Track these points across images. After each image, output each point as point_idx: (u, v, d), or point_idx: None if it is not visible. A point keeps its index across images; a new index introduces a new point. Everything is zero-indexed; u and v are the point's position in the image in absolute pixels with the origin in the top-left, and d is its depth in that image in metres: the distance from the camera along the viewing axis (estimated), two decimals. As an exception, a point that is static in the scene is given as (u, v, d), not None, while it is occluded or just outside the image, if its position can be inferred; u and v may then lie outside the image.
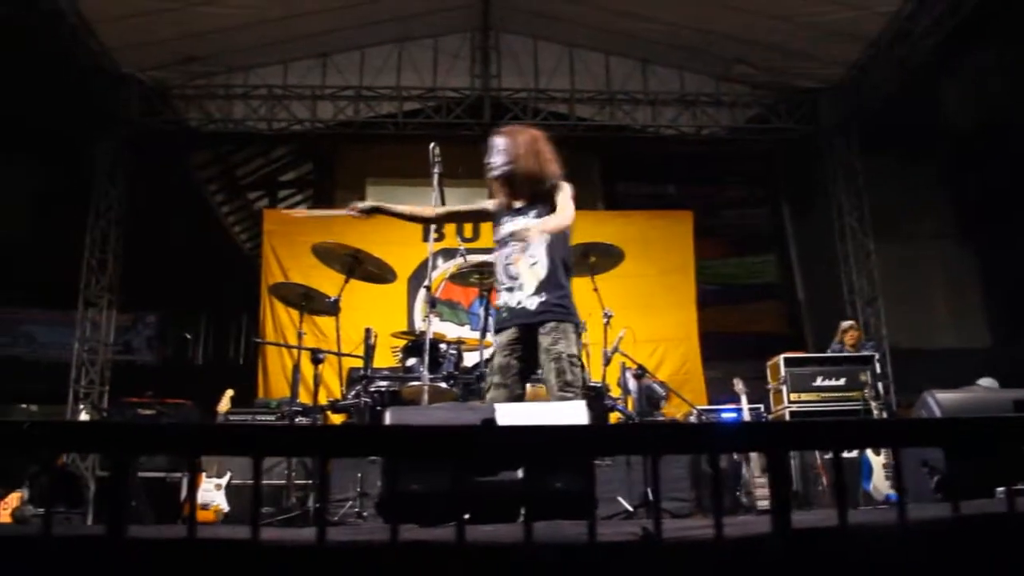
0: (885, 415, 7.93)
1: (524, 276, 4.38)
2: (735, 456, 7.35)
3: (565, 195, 4.49)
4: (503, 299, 4.45)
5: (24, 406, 12.55)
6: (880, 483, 6.69)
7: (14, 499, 7.13)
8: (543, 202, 4.49)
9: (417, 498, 3.60)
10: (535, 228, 4.27)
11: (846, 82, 11.19)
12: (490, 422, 3.85)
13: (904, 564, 1.93)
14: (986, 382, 7.04)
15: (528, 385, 6.41)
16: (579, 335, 4.47)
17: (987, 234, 12.61)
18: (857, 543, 1.86)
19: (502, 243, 4.52)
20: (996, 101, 11.73)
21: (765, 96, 11.94)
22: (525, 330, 4.34)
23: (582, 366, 4.51)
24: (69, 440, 1.50)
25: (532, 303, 4.31)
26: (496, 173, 4.60)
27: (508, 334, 4.39)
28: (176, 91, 11.53)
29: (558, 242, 4.45)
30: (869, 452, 6.81)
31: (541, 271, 4.35)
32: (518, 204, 4.58)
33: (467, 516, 3.66)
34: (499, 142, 4.63)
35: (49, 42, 9.60)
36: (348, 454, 4.88)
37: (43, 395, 11.81)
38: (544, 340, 4.29)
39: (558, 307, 4.34)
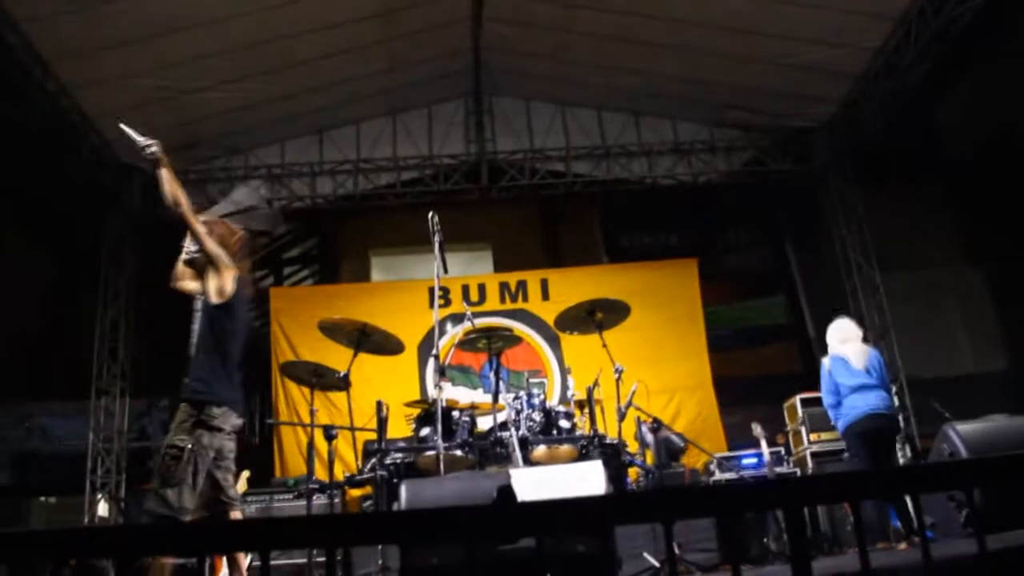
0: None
1: None
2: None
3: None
4: None
5: (43, 499, 12.47)
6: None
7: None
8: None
9: (437, 572, 3.57)
10: None
11: (838, 119, 11.26)
12: (507, 491, 3.83)
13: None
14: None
15: (542, 446, 6.41)
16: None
17: (996, 255, 12.58)
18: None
19: None
20: (992, 120, 11.78)
21: (759, 139, 12.02)
22: None
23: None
24: (71, 547, 1.50)
25: None
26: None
27: None
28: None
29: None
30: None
31: None
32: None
33: (489, 587, 3.62)
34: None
35: (52, 138, 9.79)
36: (360, 543, 4.84)
37: (61, 487, 11.74)
38: None
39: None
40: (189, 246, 4.77)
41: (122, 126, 5.00)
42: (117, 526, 4.00)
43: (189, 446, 4.25)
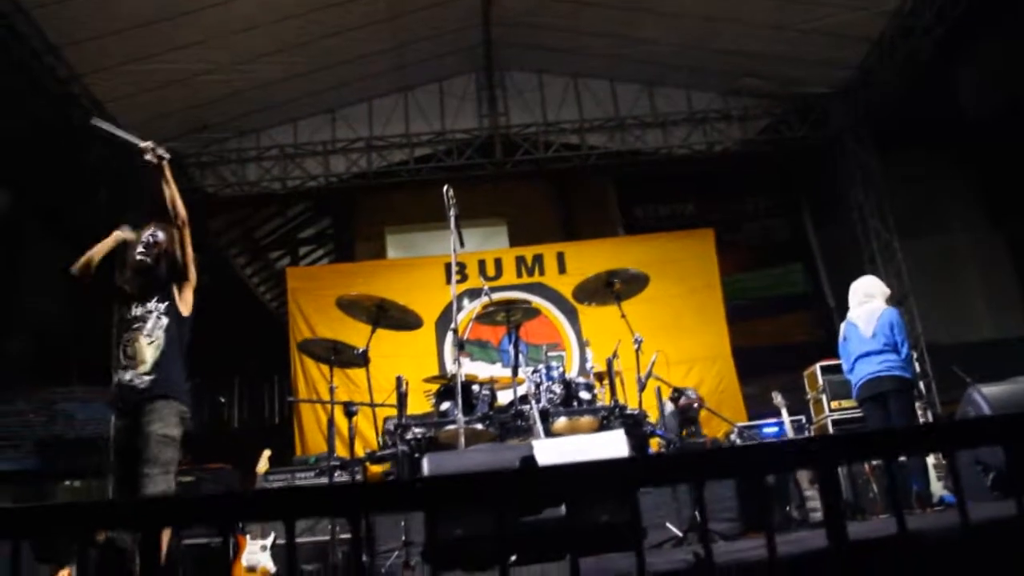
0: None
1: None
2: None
3: None
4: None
5: (67, 483, 12.61)
6: (933, 484, 6.53)
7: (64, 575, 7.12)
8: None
9: (462, 543, 3.56)
10: None
11: (854, 84, 11.13)
12: (529, 460, 3.81)
13: (969, 567, 1.85)
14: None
15: (563, 418, 6.40)
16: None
17: (1017, 219, 12.45)
18: (917, 551, 1.80)
19: None
20: (1011, 84, 11.60)
21: (774, 106, 11.90)
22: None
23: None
24: (98, 519, 1.48)
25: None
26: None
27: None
28: (191, 160, 11.67)
29: None
30: (919, 454, 6.65)
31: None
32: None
33: (514, 557, 3.62)
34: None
35: (65, 126, 9.79)
36: (384, 511, 4.86)
37: (84, 471, 11.86)
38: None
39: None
40: (142, 251, 4.83)
41: (109, 127, 4.98)
42: (140, 499, 4.04)
43: (176, 438, 4.47)
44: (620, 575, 1.95)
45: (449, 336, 7.38)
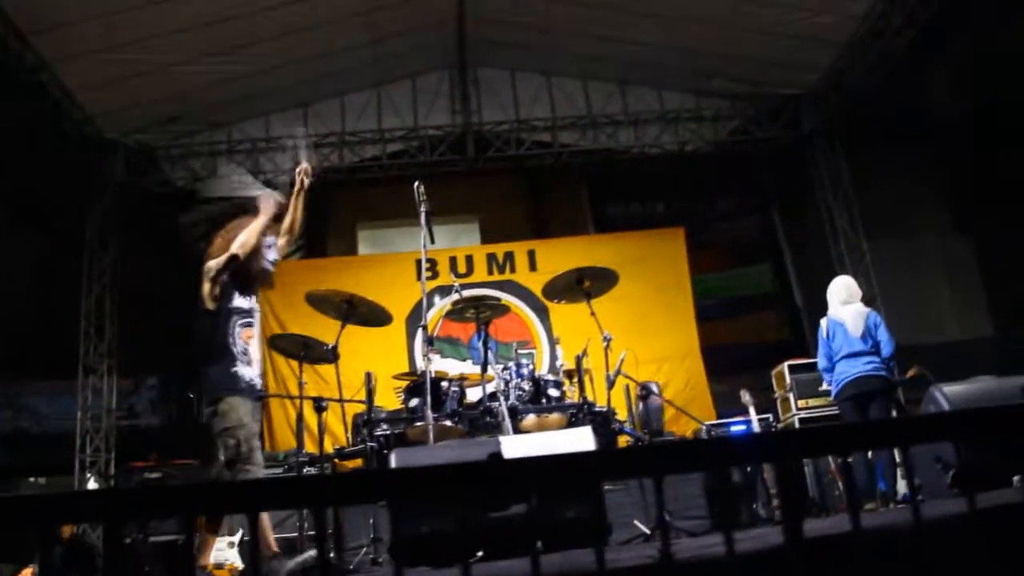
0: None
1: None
2: (748, 468, 7.28)
3: None
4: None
5: (32, 479, 12.46)
6: (898, 482, 6.62)
7: (27, 574, 7.06)
8: None
9: (428, 539, 3.57)
10: None
11: (824, 86, 11.23)
12: (496, 456, 3.83)
13: (923, 562, 1.89)
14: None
15: (532, 415, 6.42)
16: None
17: (983, 221, 12.62)
18: (872, 547, 1.83)
19: None
20: (979, 87, 11.76)
21: (745, 107, 11.98)
22: None
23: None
24: (58, 512, 1.48)
25: None
26: None
27: None
28: (161, 152, 11.57)
29: None
30: (882, 452, 6.74)
31: None
32: None
33: (480, 553, 3.63)
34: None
35: (33, 113, 9.68)
36: (347, 503, 4.88)
37: (50, 467, 11.73)
38: None
39: None
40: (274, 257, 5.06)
41: (299, 140, 5.12)
42: (101, 490, 4.02)
43: None
44: (583, 571, 1.97)
45: (419, 333, 7.39)
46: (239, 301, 4.83)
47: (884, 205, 12.02)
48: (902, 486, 6.56)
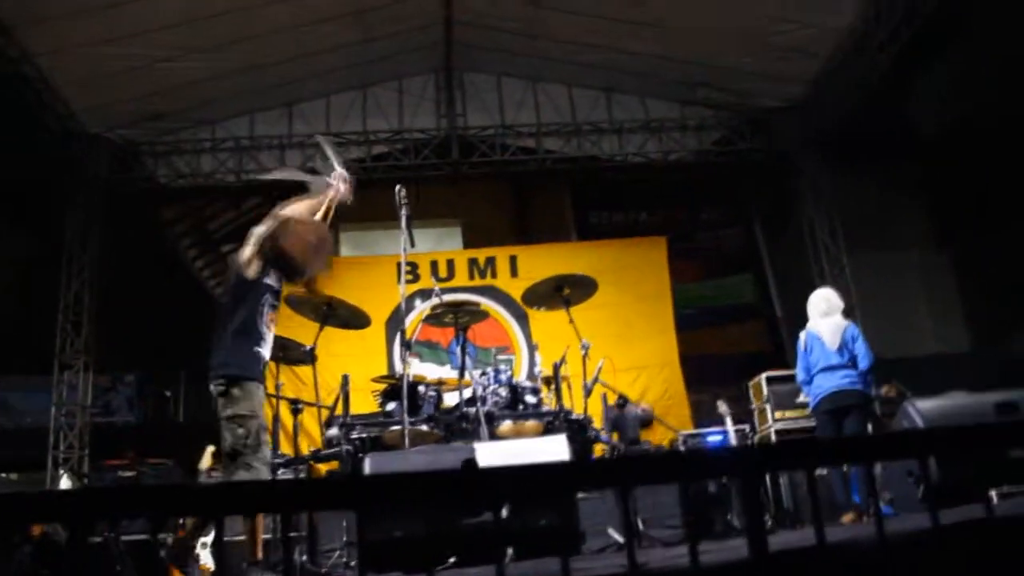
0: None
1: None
2: (724, 480, 7.30)
3: None
4: None
5: (4, 475, 12.33)
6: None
7: (-5, 572, 6.97)
8: None
9: (401, 544, 3.57)
10: None
11: (807, 99, 11.30)
12: (470, 463, 3.83)
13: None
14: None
15: (508, 421, 6.42)
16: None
17: (961, 237, 12.73)
18: (837, 560, 1.85)
19: None
20: (962, 104, 11.86)
21: (728, 118, 12.05)
22: None
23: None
24: (22, 512, 1.47)
25: None
26: None
27: None
28: (145, 148, 11.52)
29: None
30: (856, 465, 6.77)
31: None
32: None
33: (453, 559, 3.63)
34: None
35: (17, 107, 9.61)
36: (315, 509, 4.85)
37: (23, 463, 11.61)
38: None
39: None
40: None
41: (328, 147, 4.99)
42: (69, 490, 3.96)
43: None
44: (553, 578, 1.98)
45: (399, 336, 7.37)
46: (274, 280, 4.58)
47: (864, 219, 12.10)
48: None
